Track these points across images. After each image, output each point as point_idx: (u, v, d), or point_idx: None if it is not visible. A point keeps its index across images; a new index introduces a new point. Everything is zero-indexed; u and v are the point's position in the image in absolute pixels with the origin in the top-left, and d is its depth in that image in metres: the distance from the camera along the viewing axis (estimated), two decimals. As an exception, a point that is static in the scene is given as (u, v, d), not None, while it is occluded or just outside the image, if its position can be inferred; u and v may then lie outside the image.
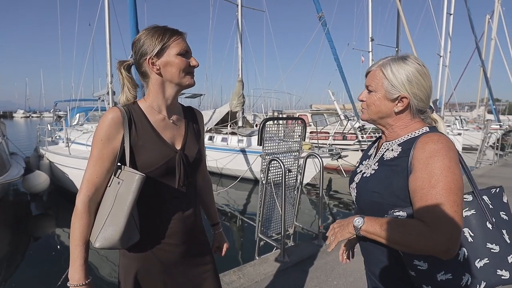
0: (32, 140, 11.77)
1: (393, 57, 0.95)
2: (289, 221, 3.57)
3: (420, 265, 0.82)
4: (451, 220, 0.75)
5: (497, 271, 0.83)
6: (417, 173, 0.83)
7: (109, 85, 7.09)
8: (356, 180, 1.03)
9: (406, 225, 0.80)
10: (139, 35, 1.01)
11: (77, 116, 10.65)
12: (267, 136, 3.27)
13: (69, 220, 0.95)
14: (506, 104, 42.30)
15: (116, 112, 0.97)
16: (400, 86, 0.91)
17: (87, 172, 0.97)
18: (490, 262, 0.83)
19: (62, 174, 7.22)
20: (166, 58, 0.99)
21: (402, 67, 0.91)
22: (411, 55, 0.95)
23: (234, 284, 2.46)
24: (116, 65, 1.06)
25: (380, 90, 0.95)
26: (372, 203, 0.93)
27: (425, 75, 0.93)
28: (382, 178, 0.92)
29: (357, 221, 0.87)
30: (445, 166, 0.80)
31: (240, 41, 10.93)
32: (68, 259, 0.95)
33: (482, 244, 0.83)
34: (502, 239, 0.85)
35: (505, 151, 11.87)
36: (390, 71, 0.92)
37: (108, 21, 7.04)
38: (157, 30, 0.99)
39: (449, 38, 16.90)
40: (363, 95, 1.01)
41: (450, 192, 0.78)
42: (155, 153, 1.00)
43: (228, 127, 10.08)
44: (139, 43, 1.00)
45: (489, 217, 0.86)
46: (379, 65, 0.96)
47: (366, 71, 1.01)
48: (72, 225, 0.96)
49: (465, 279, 0.81)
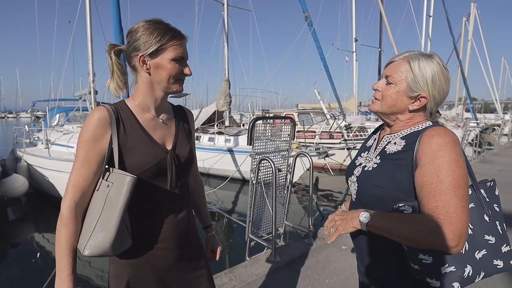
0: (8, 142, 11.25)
1: (421, 53, 0.91)
2: (279, 220, 3.55)
3: (425, 259, 0.82)
4: (460, 215, 0.76)
5: (493, 261, 0.86)
6: (424, 168, 0.81)
7: (91, 84, 6.85)
8: (357, 173, 1.01)
9: (414, 220, 0.79)
10: (138, 26, 0.95)
11: (57, 116, 10.28)
12: (256, 135, 3.24)
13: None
14: (482, 102, 44.08)
15: (103, 111, 0.92)
16: (424, 84, 0.88)
17: (73, 175, 0.91)
18: (487, 253, 0.85)
19: (41, 177, 6.92)
20: (159, 61, 0.94)
21: (429, 65, 0.88)
22: (437, 56, 0.91)
23: (226, 286, 2.41)
24: (106, 48, 0.99)
25: (402, 83, 0.91)
26: (375, 197, 0.91)
27: (447, 80, 0.91)
28: (385, 172, 0.91)
29: (363, 216, 0.85)
30: (453, 160, 0.79)
31: (226, 40, 10.87)
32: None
33: (480, 236, 0.85)
34: (496, 230, 0.88)
35: (482, 147, 12.37)
36: (418, 66, 0.88)
37: (89, 18, 6.80)
38: (157, 28, 0.93)
39: (428, 39, 17.47)
40: (379, 84, 0.96)
41: (458, 187, 0.77)
42: (145, 153, 0.95)
43: (215, 127, 9.99)
44: (135, 35, 0.94)
45: (487, 210, 0.88)
46: (405, 57, 0.91)
47: (389, 60, 0.96)
48: (57, 232, 0.89)
49: (467, 270, 0.82)
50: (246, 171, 7.81)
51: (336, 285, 2.47)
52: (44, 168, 6.81)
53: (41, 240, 5.32)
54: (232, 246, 4.97)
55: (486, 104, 44.81)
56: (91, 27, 6.74)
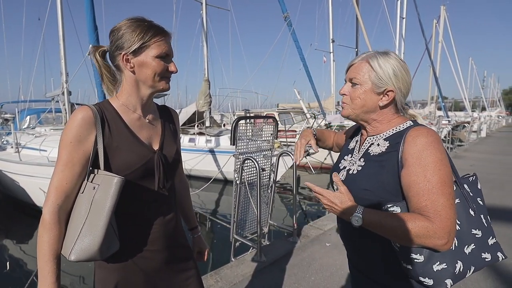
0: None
1: (378, 52, 0.95)
2: (263, 220, 3.55)
3: (417, 258, 0.83)
4: (449, 213, 0.77)
5: (481, 254, 0.87)
6: (410, 168, 0.82)
7: (64, 84, 6.55)
8: (342, 178, 1.01)
9: (405, 219, 0.80)
10: (120, 24, 0.92)
11: (28, 118, 9.75)
12: (239, 135, 3.22)
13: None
14: (452, 101, 46.26)
15: (87, 111, 0.88)
16: (387, 79, 0.91)
17: (55, 178, 0.86)
18: (476, 247, 0.87)
19: (11, 183, 6.52)
20: (142, 58, 0.91)
21: (387, 61, 0.91)
22: (392, 51, 0.95)
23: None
24: (90, 50, 0.97)
25: (367, 82, 0.93)
26: (363, 200, 0.91)
27: (407, 71, 0.94)
28: (371, 174, 0.91)
29: (355, 220, 0.84)
30: (438, 159, 0.80)
31: (205, 40, 10.73)
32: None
33: (467, 231, 0.87)
34: (482, 224, 0.90)
35: (454, 144, 12.97)
36: (377, 63, 0.91)
37: (61, 15, 6.49)
38: (140, 25, 0.91)
39: (402, 40, 18.14)
40: (345, 89, 0.97)
41: (445, 185, 0.79)
42: (131, 154, 0.92)
43: (195, 127, 9.86)
44: (117, 34, 0.91)
45: (471, 205, 0.90)
46: (364, 57, 0.94)
47: (349, 64, 0.98)
48: (39, 238, 0.85)
49: (458, 266, 0.84)
50: (229, 172, 7.75)
51: (322, 282, 2.50)
52: (14, 173, 6.41)
53: (14, 249, 5.02)
54: (216, 247, 4.92)
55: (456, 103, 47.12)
56: (63, 24, 6.44)
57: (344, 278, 2.54)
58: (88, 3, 4.61)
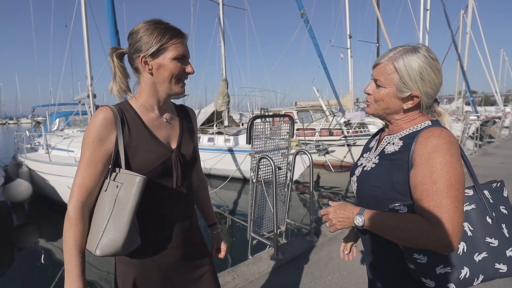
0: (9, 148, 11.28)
1: (405, 49, 0.88)
2: (280, 218, 3.56)
3: (420, 259, 0.82)
4: (452, 216, 0.75)
5: (495, 265, 0.83)
6: (418, 168, 0.81)
7: (89, 88, 6.85)
8: (357, 173, 1.02)
9: (407, 220, 0.79)
10: (138, 27, 0.95)
11: (57, 121, 10.30)
12: (255, 134, 3.24)
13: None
14: (482, 95, 43.94)
15: (108, 112, 0.93)
16: (413, 83, 0.86)
17: (79, 176, 0.91)
18: (488, 256, 0.83)
19: (43, 182, 6.93)
20: (160, 60, 0.94)
21: (415, 62, 0.85)
22: (423, 47, 0.88)
23: (229, 285, 2.42)
24: (108, 51, 1.00)
25: (390, 86, 0.89)
26: (372, 197, 0.91)
27: (437, 71, 0.87)
28: (383, 172, 0.91)
29: (357, 221, 0.85)
30: (447, 162, 0.78)
31: (222, 40, 10.84)
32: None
33: (481, 239, 0.84)
34: (501, 234, 0.85)
35: (484, 141, 12.35)
36: (403, 66, 0.86)
37: (85, 22, 6.79)
38: (157, 28, 0.94)
39: (426, 33, 17.39)
40: (370, 88, 0.95)
41: (451, 188, 0.77)
42: (150, 153, 0.96)
43: (214, 127, 9.99)
44: (136, 37, 0.95)
45: (489, 212, 0.86)
46: (390, 57, 0.89)
47: (375, 62, 0.94)
48: (65, 233, 0.90)
49: (463, 272, 0.81)
50: (247, 170, 7.80)
51: (339, 281, 2.48)
52: (45, 173, 6.82)
53: (46, 244, 5.34)
54: (234, 245, 4.98)
55: (486, 97, 44.71)
56: (88, 30, 6.73)
57: (361, 278, 2.50)
58: (109, 10, 4.80)
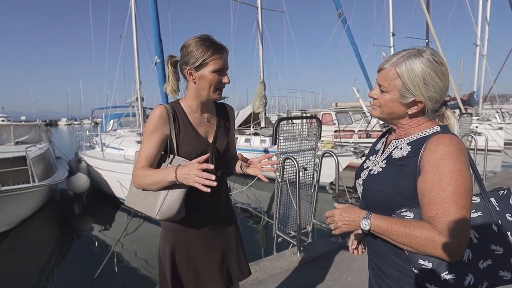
0: (73, 145, 12.78)
1: (409, 53, 0.86)
2: (306, 218, 3.63)
3: (425, 265, 0.81)
4: (460, 225, 0.75)
5: (499, 272, 0.83)
6: (426, 175, 0.80)
7: (138, 92, 7.52)
8: (363, 177, 1.01)
9: (414, 227, 0.79)
10: (189, 42, 1.17)
11: (111, 122, 11.37)
12: (283, 135, 3.36)
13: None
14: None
15: (163, 109, 1.19)
16: (416, 89, 0.85)
17: (142, 150, 1.18)
18: (493, 263, 0.82)
19: (98, 176, 7.82)
20: (202, 72, 1.16)
21: (418, 67, 0.83)
22: (428, 50, 0.86)
23: (250, 277, 2.57)
24: (166, 58, 1.26)
25: (394, 91, 0.88)
26: (378, 202, 0.91)
27: (443, 75, 0.85)
28: (390, 177, 0.90)
29: (364, 224, 0.85)
30: (456, 170, 0.78)
31: (261, 42, 11.05)
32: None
33: (486, 246, 0.83)
34: (506, 241, 0.85)
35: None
36: (406, 71, 0.84)
37: (135, 31, 7.48)
38: (203, 43, 1.14)
39: (486, 25, 15.75)
40: (375, 92, 0.94)
41: (460, 197, 0.76)
42: (192, 145, 1.22)
43: (251, 128, 10.24)
44: (186, 50, 1.17)
45: (495, 219, 0.86)
46: (393, 62, 0.87)
47: (379, 67, 0.92)
48: (141, 180, 1.16)
49: (468, 279, 0.80)
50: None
51: (359, 283, 2.49)
52: (99, 168, 7.69)
53: (98, 232, 6.09)
54: (262, 242, 5.14)
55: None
56: (137, 41, 7.41)
57: (383, 281, 2.49)
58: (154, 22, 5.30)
